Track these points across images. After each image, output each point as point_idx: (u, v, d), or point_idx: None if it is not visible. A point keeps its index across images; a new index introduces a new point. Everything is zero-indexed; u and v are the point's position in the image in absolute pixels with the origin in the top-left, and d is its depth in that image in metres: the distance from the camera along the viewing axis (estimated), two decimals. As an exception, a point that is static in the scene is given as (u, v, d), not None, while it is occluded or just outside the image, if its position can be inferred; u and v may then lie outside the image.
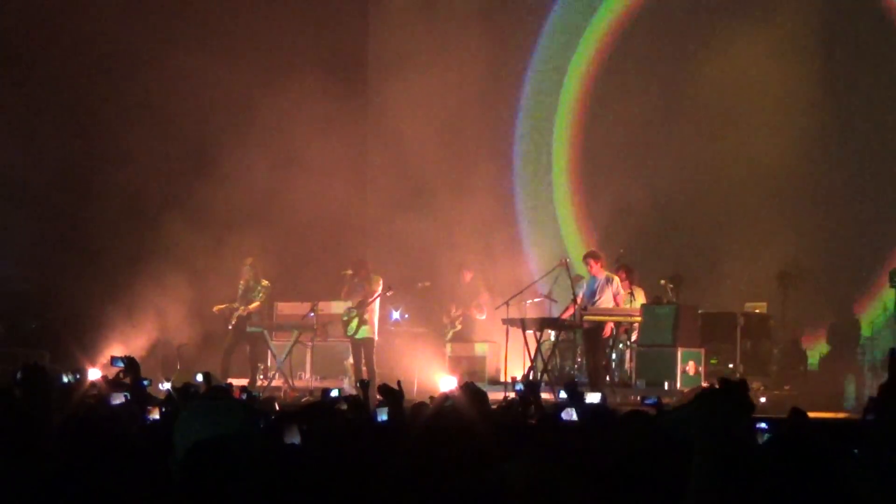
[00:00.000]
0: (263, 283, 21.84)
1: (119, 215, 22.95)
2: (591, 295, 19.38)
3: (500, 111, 25.64)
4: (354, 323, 20.68)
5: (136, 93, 23.11)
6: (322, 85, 23.35)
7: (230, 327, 21.80)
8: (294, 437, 6.92)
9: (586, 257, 19.89)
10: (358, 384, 12.99)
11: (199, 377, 12.10)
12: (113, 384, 10.75)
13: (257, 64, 23.29)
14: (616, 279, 19.68)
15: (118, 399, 9.49)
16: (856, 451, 6.09)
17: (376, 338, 20.85)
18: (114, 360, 11.04)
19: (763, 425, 8.25)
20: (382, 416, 8.94)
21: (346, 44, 26.21)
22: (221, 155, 22.92)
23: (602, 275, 19.59)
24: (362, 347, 20.63)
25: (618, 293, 19.55)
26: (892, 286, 19.74)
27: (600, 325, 19.22)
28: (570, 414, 8.56)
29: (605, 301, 19.35)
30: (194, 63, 22.63)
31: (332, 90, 23.82)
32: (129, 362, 10.24)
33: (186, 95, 22.70)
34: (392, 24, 26.36)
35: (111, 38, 22.85)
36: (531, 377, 18.83)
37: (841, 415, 16.35)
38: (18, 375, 8.46)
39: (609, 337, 19.39)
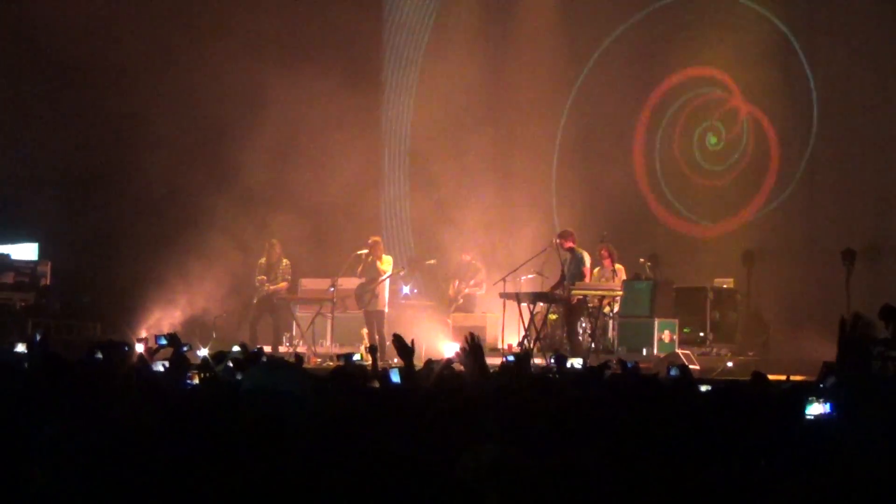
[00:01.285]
0: (284, 262, 21.89)
1: (160, 199, 23.10)
2: (564, 270, 19.55)
3: (500, 103, 25.63)
4: (368, 297, 20.94)
5: (166, 86, 23.11)
6: (340, 80, 23.41)
7: (255, 301, 21.90)
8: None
9: (557, 237, 20.02)
10: (368, 349, 13.14)
11: (236, 348, 12.17)
12: (153, 354, 10.92)
13: (279, 58, 23.11)
14: (585, 254, 19.78)
15: (159, 367, 9.67)
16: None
17: (387, 310, 21.06)
18: (157, 337, 11.14)
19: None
20: (395, 376, 9.09)
21: (363, 40, 26.14)
22: (251, 144, 22.97)
23: (571, 250, 19.72)
24: (374, 318, 20.83)
25: (586, 266, 19.65)
26: (844, 265, 19.91)
27: (580, 299, 19.37)
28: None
29: (576, 275, 19.49)
30: (221, 57, 22.72)
31: (350, 84, 23.90)
32: (172, 337, 10.38)
33: (213, 88, 22.76)
34: (404, 18, 26.41)
35: (144, 38, 22.91)
36: (525, 344, 19.08)
37: (797, 377, 16.45)
38: (98, 353, 8.64)
39: (578, 305, 19.48)
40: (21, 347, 11.99)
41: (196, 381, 8.93)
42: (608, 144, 23.74)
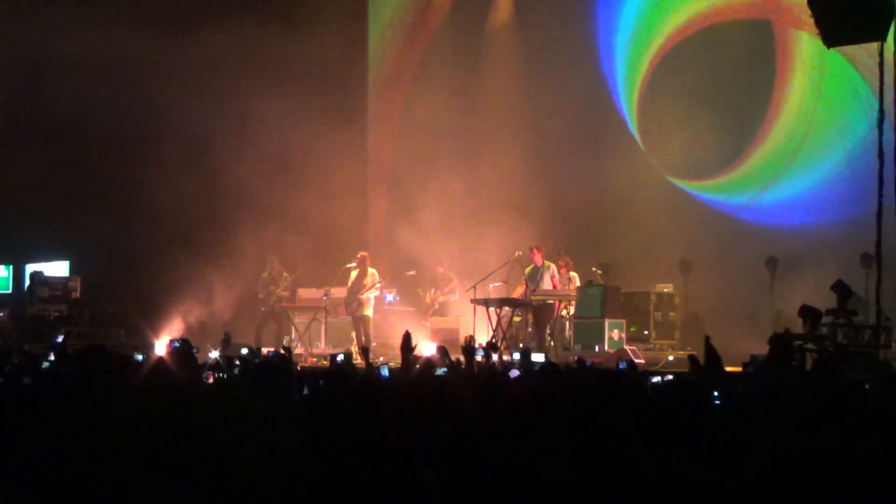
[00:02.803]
0: (284, 275, 22.04)
1: (173, 221, 23.00)
2: (535, 279, 19.66)
3: (470, 130, 25.61)
4: (355, 304, 20.99)
5: (169, 115, 22.81)
6: (330, 111, 23.46)
7: (263, 309, 22.01)
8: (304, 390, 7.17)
9: (531, 249, 20.17)
10: (360, 351, 13.12)
11: (244, 350, 12.12)
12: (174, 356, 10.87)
13: (274, 91, 22.92)
14: (553, 266, 19.96)
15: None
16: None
17: (372, 315, 21.09)
18: (172, 342, 11.08)
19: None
20: (384, 371, 9.12)
21: (350, 73, 26.11)
22: (254, 171, 22.89)
23: (542, 262, 19.88)
24: (361, 323, 20.85)
25: (554, 276, 19.84)
26: (767, 270, 20.02)
27: (544, 303, 19.48)
28: (515, 373, 8.77)
29: (545, 284, 19.63)
30: (217, 87, 22.66)
31: (338, 114, 23.97)
32: (184, 342, 10.34)
33: (210, 115, 22.64)
34: (386, 50, 26.41)
35: (152, 73, 22.74)
36: (493, 343, 19.09)
37: (730, 368, 16.48)
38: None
39: (548, 308, 19.63)
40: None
41: (211, 380, 8.93)
42: (563, 170, 23.74)
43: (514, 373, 8.89)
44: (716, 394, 5.94)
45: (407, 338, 8.58)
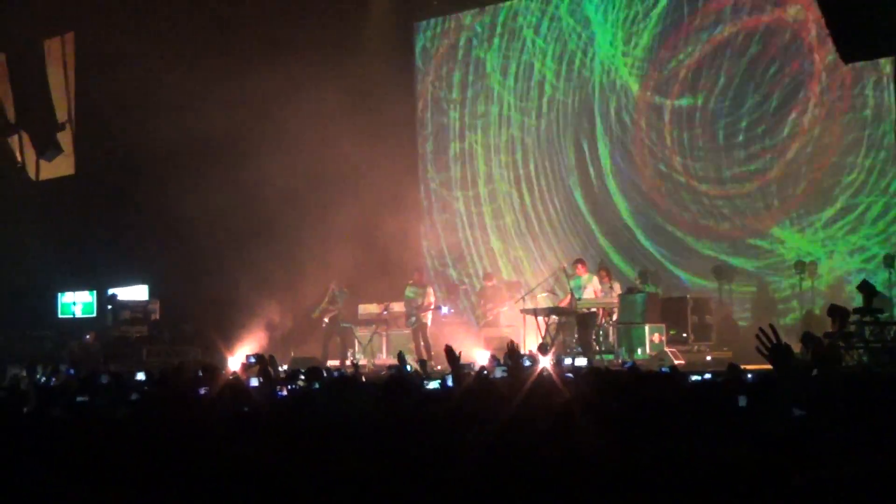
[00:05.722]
0: (344, 290, 22.25)
1: (245, 247, 23.21)
2: (579, 290, 19.76)
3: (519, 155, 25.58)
4: (413, 318, 21.24)
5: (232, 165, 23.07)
6: (386, 136, 23.57)
7: (323, 325, 22.21)
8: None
9: (575, 263, 20.39)
10: (418, 362, 13.22)
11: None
12: (248, 371, 11.04)
13: (338, 119, 22.79)
14: (595, 277, 20.11)
15: (254, 382, 9.79)
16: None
17: (429, 323, 21.30)
18: (248, 357, 11.23)
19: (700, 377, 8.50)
20: (436, 382, 9.20)
21: (401, 94, 25.95)
22: (319, 197, 23.06)
23: (585, 275, 20.01)
24: (419, 331, 21.11)
25: (596, 287, 19.96)
26: (795, 272, 19.94)
27: (589, 311, 19.55)
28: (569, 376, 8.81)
29: (588, 293, 19.75)
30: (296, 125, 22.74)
31: (392, 137, 24.12)
32: (260, 358, 10.47)
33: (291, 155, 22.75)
34: (436, 69, 26.28)
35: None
36: (544, 344, 19.21)
37: (765, 366, 16.42)
38: (200, 373, 8.80)
39: (590, 316, 19.72)
40: (141, 375, 12.07)
41: (285, 392, 9.05)
42: (603, 188, 23.72)
43: (569, 376, 8.98)
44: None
45: (450, 351, 8.60)
